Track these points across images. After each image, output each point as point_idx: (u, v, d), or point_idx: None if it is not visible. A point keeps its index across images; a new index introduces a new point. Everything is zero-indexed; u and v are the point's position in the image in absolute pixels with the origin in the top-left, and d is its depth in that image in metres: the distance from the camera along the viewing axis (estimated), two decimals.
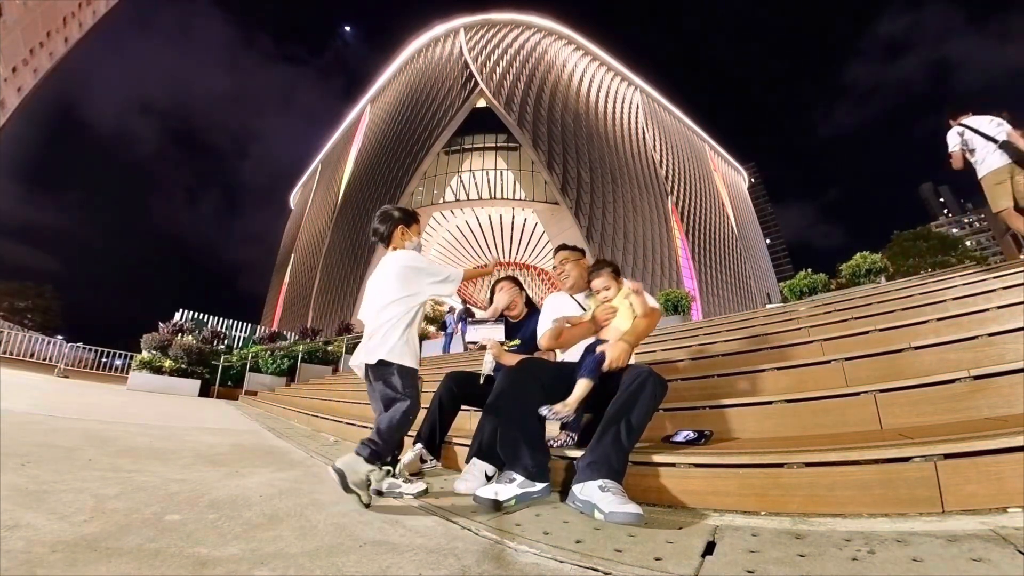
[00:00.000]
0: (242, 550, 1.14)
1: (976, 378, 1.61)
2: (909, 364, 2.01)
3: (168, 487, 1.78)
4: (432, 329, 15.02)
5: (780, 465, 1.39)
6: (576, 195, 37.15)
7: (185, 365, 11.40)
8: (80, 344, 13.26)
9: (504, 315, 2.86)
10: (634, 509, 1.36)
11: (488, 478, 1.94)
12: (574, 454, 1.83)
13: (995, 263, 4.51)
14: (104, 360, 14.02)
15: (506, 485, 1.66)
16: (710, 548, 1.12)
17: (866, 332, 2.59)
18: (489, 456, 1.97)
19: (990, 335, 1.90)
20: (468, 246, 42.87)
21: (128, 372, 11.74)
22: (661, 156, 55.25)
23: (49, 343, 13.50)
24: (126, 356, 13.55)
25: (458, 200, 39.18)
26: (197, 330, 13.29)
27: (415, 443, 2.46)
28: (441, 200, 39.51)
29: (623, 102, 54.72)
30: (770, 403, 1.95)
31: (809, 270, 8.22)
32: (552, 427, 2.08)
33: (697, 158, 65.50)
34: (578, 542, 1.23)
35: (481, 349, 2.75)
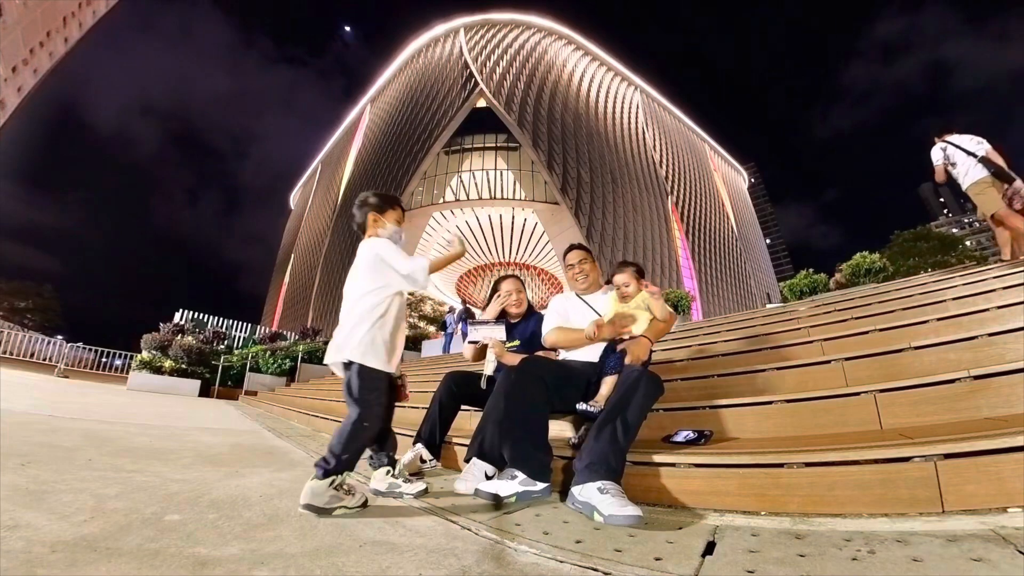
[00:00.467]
0: (242, 550, 1.14)
1: (976, 378, 1.61)
2: (909, 364, 2.01)
3: (168, 487, 1.79)
4: (432, 329, 15.03)
5: (780, 465, 1.39)
6: (576, 195, 37.15)
7: (185, 365, 11.40)
8: (80, 344, 13.25)
9: (504, 315, 2.86)
10: (633, 511, 1.36)
11: (488, 478, 1.93)
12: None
13: (995, 263, 4.53)
14: (104, 360, 14.03)
15: (507, 482, 1.67)
16: (710, 548, 1.13)
17: (866, 332, 2.59)
18: (490, 456, 1.97)
19: (990, 335, 1.90)
20: (468, 246, 42.84)
21: (128, 372, 11.74)
22: (661, 156, 55.24)
23: (49, 343, 13.49)
24: (126, 356, 13.55)
25: (458, 200, 39.17)
26: (197, 330, 13.30)
27: (415, 443, 2.46)
28: (441, 200, 39.51)
29: (623, 102, 54.70)
30: (770, 403, 1.94)
31: (811, 270, 8.22)
32: (555, 426, 2.07)
33: (697, 158, 65.48)
34: (578, 542, 1.23)
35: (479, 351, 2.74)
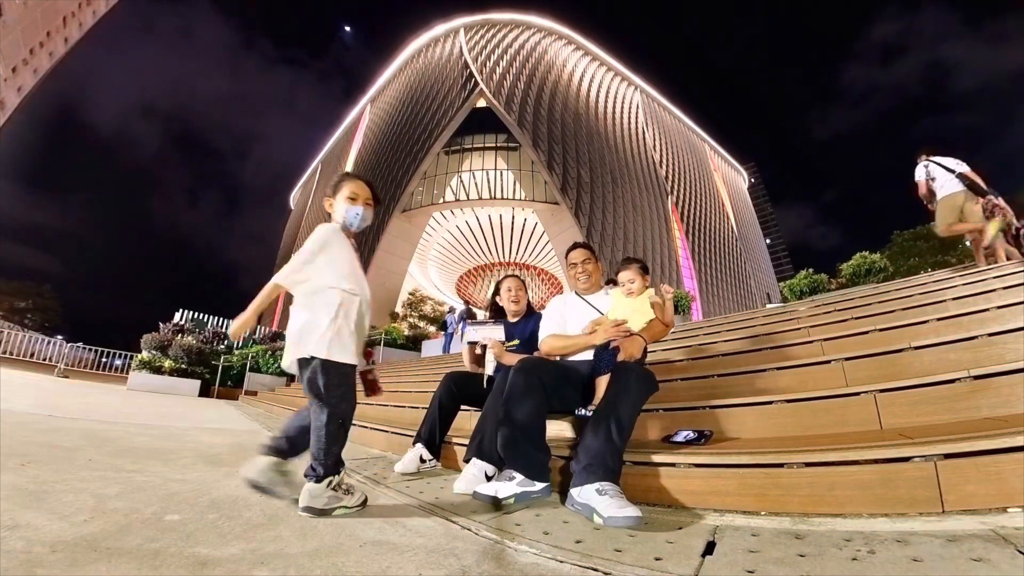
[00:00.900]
0: (242, 550, 1.14)
1: (976, 378, 1.61)
2: (909, 364, 2.01)
3: (168, 487, 1.79)
4: (432, 329, 15.03)
5: (780, 465, 1.39)
6: (576, 195, 37.12)
7: (185, 365, 11.40)
8: (80, 344, 13.25)
9: (503, 314, 2.86)
10: (633, 512, 1.36)
11: (488, 478, 1.93)
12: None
13: (974, 270, 4.57)
14: (104, 360, 14.02)
15: (506, 483, 1.66)
16: (710, 548, 1.12)
17: (866, 332, 2.59)
18: (489, 456, 1.97)
19: (990, 335, 1.89)
20: (468, 246, 42.87)
21: (128, 372, 11.74)
22: (661, 156, 55.21)
23: (49, 343, 13.48)
24: (126, 356, 13.55)
25: (458, 200, 39.13)
26: (197, 330, 13.31)
27: (415, 443, 2.46)
28: (441, 200, 39.47)
29: (623, 102, 54.68)
30: (770, 403, 1.94)
31: (811, 270, 8.21)
32: (554, 426, 2.08)
33: (697, 158, 65.45)
34: (578, 542, 1.23)
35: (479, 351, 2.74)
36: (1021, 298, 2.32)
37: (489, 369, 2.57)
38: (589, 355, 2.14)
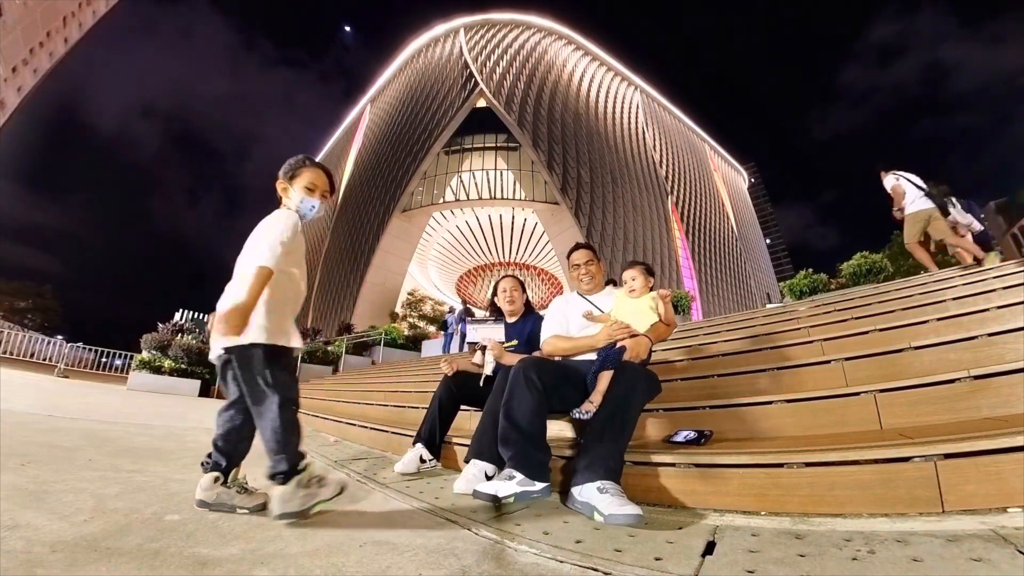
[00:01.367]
0: (242, 550, 1.14)
1: (976, 378, 1.61)
2: (909, 364, 2.00)
3: (168, 487, 1.79)
4: (432, 329, 15.02)
5: (780, 465, 1.39)
6: (576, 195, 37.12)
7: (185, 365, 11.39)
8: (80, 344, 13.23)
9: (501, 314, 2.86)
10: (633, 510, 1.36)
11: (488, 478, 1.93)
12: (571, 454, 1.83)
13: (962, 270, 4.61)
14: (104, 360, 14.00)
15: (506, 483, 1.66)
16: (710, 548, 1.13)
17: (866, 332, 2.59)
18: (489, 456, 1.97)
19: (990, 335, 1.89)
20: (468, 246, 42.87)
21: (128, 372, 11.73)
22: (661, 156, 55.21)
23: (49, 343, 13.47)
24: (126, 356, 13.53)
25: (458, 200, 39.13)
26: (197, 330, 13.29)
27: (415, 443, 2.46)
28: (441, 200, 39.47)
29: (623, 102, 54.69)
30: (770, 403, 1.94)
31: (811, 270, 8.21)
32: (554, 426, 2.07)
33: (697, 158, 65.46)
34: (578, 542, 1.23)
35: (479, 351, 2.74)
36: (1021, 298, 2.32)
37: (488, 369, 2.57)
38: (590, 355, 2.14)
